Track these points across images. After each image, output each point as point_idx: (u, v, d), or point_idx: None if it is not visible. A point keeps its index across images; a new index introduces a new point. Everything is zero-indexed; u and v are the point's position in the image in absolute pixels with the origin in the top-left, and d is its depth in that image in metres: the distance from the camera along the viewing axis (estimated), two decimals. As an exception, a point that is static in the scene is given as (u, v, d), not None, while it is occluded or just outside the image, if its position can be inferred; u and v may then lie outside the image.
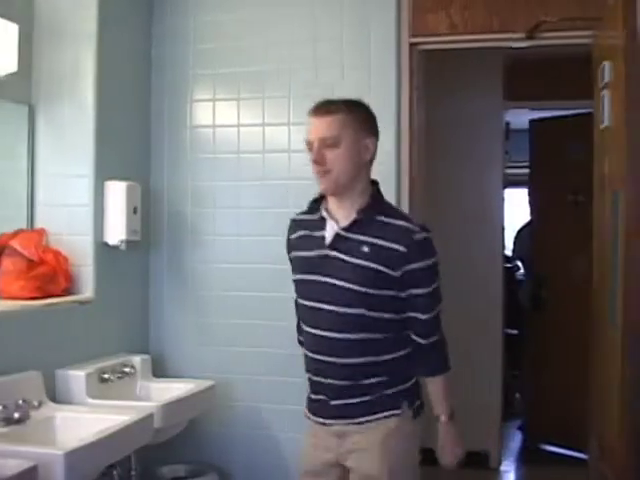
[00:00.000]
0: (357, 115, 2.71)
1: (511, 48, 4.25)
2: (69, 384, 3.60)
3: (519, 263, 7.99)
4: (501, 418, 5.93)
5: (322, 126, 2.67)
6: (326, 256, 2.71)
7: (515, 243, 8.07)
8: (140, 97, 4.29)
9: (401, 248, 2.62)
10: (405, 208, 3.99)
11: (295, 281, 2.87)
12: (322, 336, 2.72)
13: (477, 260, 5.77)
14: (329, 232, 2.73)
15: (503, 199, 6.03)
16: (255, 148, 4.23)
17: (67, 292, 3.72)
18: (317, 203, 2.83)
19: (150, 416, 3.28)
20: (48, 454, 2.74)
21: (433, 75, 4.45)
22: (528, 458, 6.30)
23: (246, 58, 4.26)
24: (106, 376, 3.75)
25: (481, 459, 5.67)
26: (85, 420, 3.24)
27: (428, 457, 2.96)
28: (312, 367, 2.79)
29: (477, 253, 5.77)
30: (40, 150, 3.86)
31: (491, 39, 4.09)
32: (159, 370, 4.24)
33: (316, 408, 2.82)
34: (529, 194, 6.87)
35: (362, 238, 2.67)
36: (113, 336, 4.09)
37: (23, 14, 3.76)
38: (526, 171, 6.87)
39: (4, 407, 3.11)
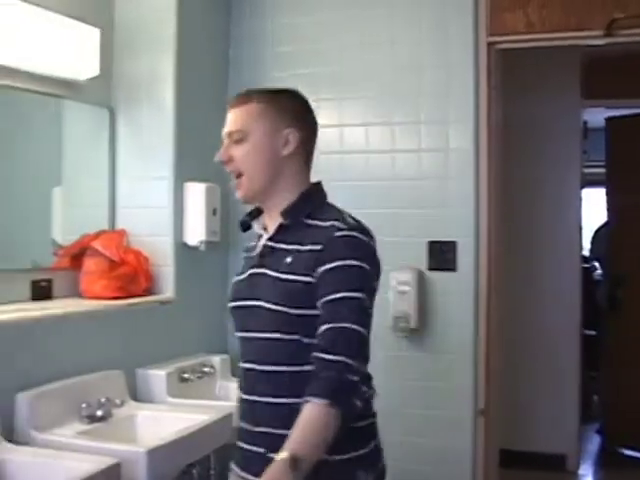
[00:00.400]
0: (274, 104, 2.20)
1: (588, 46, 4.20)
2: (150, 383, 3.67)
3: (596, 263, 7.88)
4: (579, 421, 5.85)
5: (230, 119, 2.23)
6: (254, 274, 2.19)
7: (592, 243, 7.97)
8: (218, 99, 4.32)
9: (316, 247, 2.05)
10: (483, 208, 3.97)
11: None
12: (248, 369, 2.17)
13: (554, 261, 5.72)
14: (259, 246, 2.25)
15: (581, 199, 5.95)
16: (332, 149, 4.24)
17: (148, 292, 3.77)
18: (251, 216, 2.33)
19: (229, 415, 3.30)
20: (131, 452, 2.79)
21: (509, 74, 4.40)
22: (606, 461, 6.22)
23: (323, 60, 4.27)
24: (186, 376, 3.80)
25: (559, 462, 5.60)
26: (166, 419, 3.30)
27: (505, 458, 2.92)
28: (242, 411, 2.20)
29: (554, 254, 5.72)
30: (120, 152, 3.92)
31: (568, 37, 4.03)
32: (236, 370, 4.26)
33: (246, 461, 2.16)
34: (606, 194, 6.77)
35: (285, 247, 2.13)
36: (192, 336, 4.14)
37: (104, 19, 3.82)
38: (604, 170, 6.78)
39: (88, 405, 3.18)
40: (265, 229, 2.26)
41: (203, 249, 4.00)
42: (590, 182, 7.03)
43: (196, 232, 3.96)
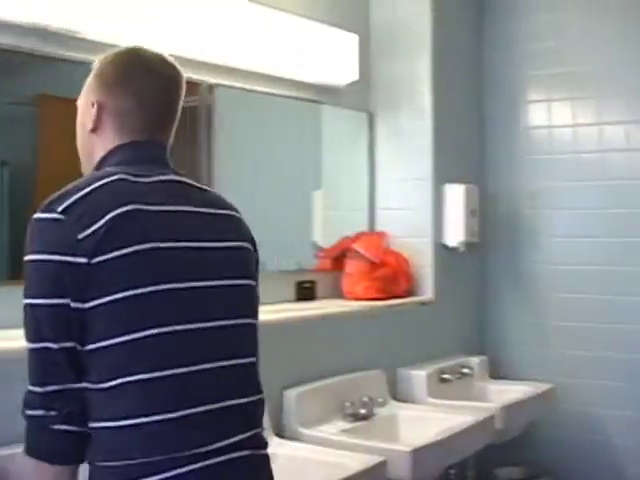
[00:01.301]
0: (95, 70, 1.74)
1: None
2: (411, 383, 3.69)
3: None
4: None
5: None
6: None
7: None
8: (473, 99, 4.31)
9: None
10: None
11: None
12: None
13: None
14: None
15: None
16: (592, 148, 4.11)
17: (407, 293, 3.80)
18: None
19: (492, 417, 3.27)
20: (396, 450, 2.81)
21: None
22: None
23: (580, 57, 4.15)
24: (446, 376, 3.80)
25: None
26: (428, 419, 3.31)
27: None
28: None
29: None
30: (379, 155, 3.97)
31: None
32: (494, 372, 4.23)
33: None
34: None
35: None
36: (451, 337, 4.14)
37: (361, 24, 3.90)
38: None
39: (351, 404, 3.24)
40: None
41: (462, 250, 3.99)
42: None
43: (455, 233, 3.95)
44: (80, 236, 1.44)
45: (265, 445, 1.66)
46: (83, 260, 1.44)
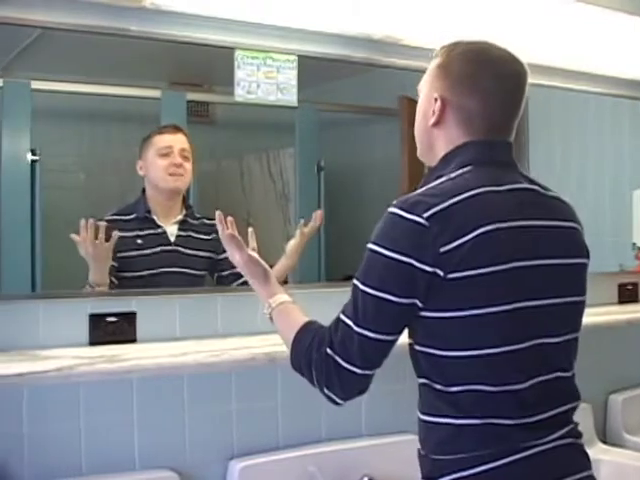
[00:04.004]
0: (440, 60, 1.75)
1: None
2: None
3: None
4: None
5: None
6: None
7: None
8: None
9: None
10: None
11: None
12: None
13: None
14: None
15: None
16: None
17: None
18: None
19: None
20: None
21: None
22: None
23: None
24: None
25: None
26: None
27: None
28: None
29: None
30: None
31: None
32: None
33: None
34: None
35: None
36: None
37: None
38: None
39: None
40: None
41: None
42: None
43: None
44: (442, 249, 1.46)
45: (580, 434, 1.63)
46: (439, 272, 1.47)
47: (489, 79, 1.64)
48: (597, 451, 2.77)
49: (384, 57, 2.76)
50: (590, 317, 1.81)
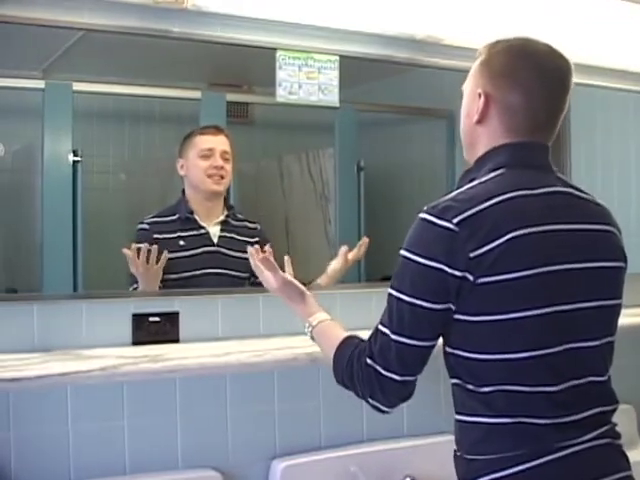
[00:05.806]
0: (483, 57, 1.75)
1: None
2: None
3: None
4: None
5: None
6: None
7: None
8: None
9: None
10: None
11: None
12: None
13: None
14: None
15: None
16: None
17: None
18: None
19: None
20: None
21: None
22: None
23: None
24: None
25: None
26: None
27: None
28: None
29: None
30: None
31: None
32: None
33: None
34: None
35: None
36: None
37: None
38: None
39: None
40: None
41: None
42: None
43: None
44: (472, 254, 1.46)
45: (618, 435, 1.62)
46: (469, 276, 1.47)
47: (530, 72, 1.62)
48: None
49: (425, 57, 2.76)
50: (629, 318, 1.81)
